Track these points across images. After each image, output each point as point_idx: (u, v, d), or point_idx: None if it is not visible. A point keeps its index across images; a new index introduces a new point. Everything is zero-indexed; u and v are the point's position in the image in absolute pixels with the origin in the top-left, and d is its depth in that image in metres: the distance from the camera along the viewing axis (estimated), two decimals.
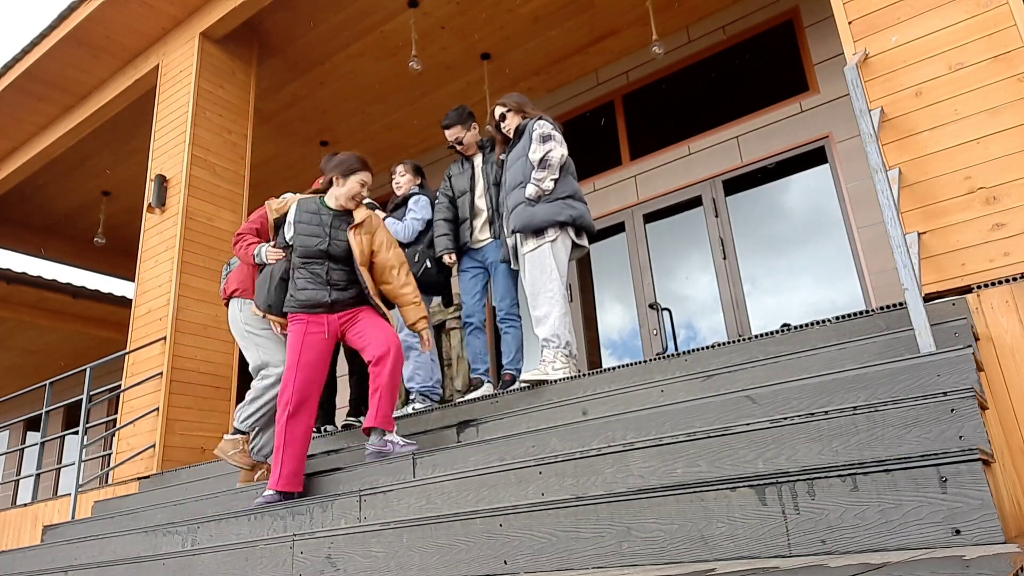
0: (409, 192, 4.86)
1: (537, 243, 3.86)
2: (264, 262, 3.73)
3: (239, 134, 6.57)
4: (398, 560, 2.30)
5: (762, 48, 6.65)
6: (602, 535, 1.92)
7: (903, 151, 3.01)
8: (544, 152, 3.87)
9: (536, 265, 3.84)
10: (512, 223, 3.93)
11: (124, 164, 8.79)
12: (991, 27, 2.92)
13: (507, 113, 4.23)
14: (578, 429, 2.81)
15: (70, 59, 7.00)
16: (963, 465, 1.53)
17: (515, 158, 4.08)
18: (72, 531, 4.73)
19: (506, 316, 4.32)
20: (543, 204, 3.83)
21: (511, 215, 3.97)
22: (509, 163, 4.13)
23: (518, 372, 4.32)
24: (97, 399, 6.12)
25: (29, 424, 12.88)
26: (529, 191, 3.86)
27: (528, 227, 3.85)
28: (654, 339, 6.47)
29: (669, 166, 6.83)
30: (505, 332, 4.32)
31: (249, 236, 3.93)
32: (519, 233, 3.93)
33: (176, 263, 5.79)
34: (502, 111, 4.26)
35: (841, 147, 5.94)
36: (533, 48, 7.25)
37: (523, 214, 3.86)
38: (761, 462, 2.03)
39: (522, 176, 3.96)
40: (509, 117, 4.22)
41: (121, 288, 12.05)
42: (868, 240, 5.63)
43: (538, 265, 3.83)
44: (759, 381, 2.72)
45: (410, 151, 8.85)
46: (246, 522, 3.26)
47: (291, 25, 6.77)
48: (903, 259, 2.47)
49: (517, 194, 3.95)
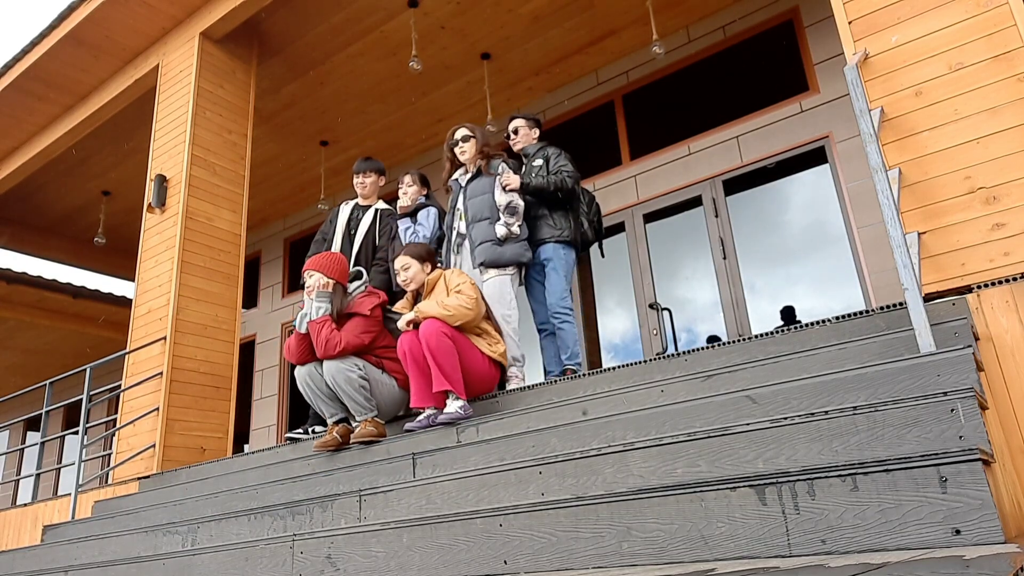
0: (417, 203, 4.85)
1: (499, 274, 4.32)
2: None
3: (239, 134, 6.57)
4: (398, 560, 2.30)
5: (762, 48, 6.65)
6: (602, 535, 1.92)
7: (903, 151, 3.01)
8: (508, 200, 4.33)
9: (496, 293, 4.26)
10: (479, 257, 4.33)
11: (124, 164, 8.78)
12: (991, 27, 2.92)
13: (471, 141, 4.57)
14: (578, 429, 2.82)
15: (70, 59, 7.00)
16: (963, 465, 1.53)
17: (479, 191, 4.45)
18: (72, 531, 4.73)
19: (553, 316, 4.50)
20: (510, 244, 4.32)
21: (477, 248, 4.35)
22: (471, 194, 4.48)
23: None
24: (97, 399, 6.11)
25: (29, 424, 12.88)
26: (500, 232, 4.29)
27: (495, 264, 4.31)
28: (654, 339, 6.47)
29: (669, 166, 6.83)
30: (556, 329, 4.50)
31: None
32: (483, 266, 4.35)
33: (176, 263, 5.79)
34: (467, 134, 4.60)
35: (841, 147, 5.94)
36: (533, 48, 7.25)
37: (491, 252, 4.30)
38: (761, 462, 2.03)
39: (488, 212, 4.37)
40: (470, 146, 4.57)
41: (121, 288, 12.07)
42: (868, 240, 5.63)
43: (497, 293, 4.26)
44: (759, 381, 2.72)
45: (410, 151, 8.85)
46: (246, 522, 3.27)
47: (291, 25, 6.77)
48: (903, 259, 2.47)
49: (484, 228, 4.34)
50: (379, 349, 4.03)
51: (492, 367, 3.89)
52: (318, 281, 3.99)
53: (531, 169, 4.49)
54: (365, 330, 3.93)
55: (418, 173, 4.97)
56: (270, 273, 10.25)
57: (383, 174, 5.18)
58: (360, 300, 4.06)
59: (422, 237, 4.67)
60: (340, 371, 3.82)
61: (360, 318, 3.96)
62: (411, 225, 4.74)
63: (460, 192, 4.57)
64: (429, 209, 4.79)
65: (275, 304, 9.97)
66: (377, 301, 4.07)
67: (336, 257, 4.14)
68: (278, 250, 10.26)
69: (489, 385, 3.94)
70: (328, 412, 4.01)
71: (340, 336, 3.83)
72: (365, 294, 4.12)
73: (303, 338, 3.95)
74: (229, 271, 6.15)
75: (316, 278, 4.00)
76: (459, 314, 3.75)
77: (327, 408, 3.99)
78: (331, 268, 4.05)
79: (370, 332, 3.96)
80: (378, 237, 4.89)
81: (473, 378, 3.80)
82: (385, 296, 4.25)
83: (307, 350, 3.96)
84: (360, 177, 5.06)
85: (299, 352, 3.95)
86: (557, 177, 4.34)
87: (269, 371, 9.65)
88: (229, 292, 6.10)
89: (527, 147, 4.68)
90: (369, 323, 3.97)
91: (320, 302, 3.92)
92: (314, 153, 8.74)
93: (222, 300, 6.03)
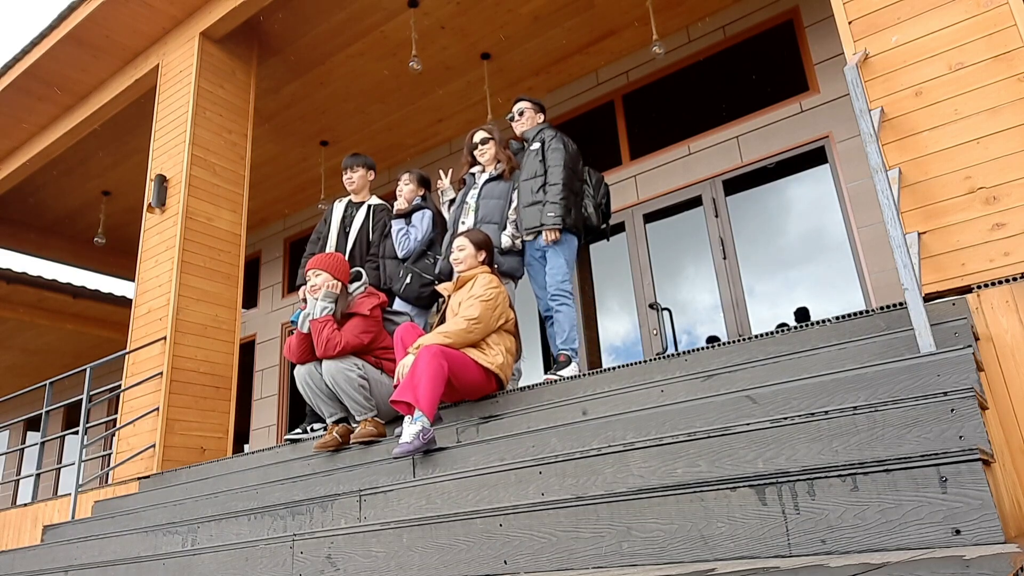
0: (413, 204, 4.84)
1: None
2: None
3: (239, 134, 6.57)
4: (398, 560, 2.30)
5: (762, 48, 6.65)
6: (602, 535, 1.92)
7: (903, 151, 3.01)
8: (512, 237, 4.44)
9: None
10: None
11: (124, 164, 8.78)
12: (991, 27, 2.92)
13: (490, 143, 4.63)
14: (578, 429, 2.81)
15: (70, 59, 7.00)
16: (963, 465, 1.53)
17: (495, 194, 4.49)
18: (72, 531, 4.73)
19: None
20: (509, 257, 4.39)
21: None
22: (485, 194, 4.50)
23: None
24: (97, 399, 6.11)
25: (29, 424, 12.88)
26: (505, 243, 4.36)
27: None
28: (654, 339, 6.47)
29: (669, 166, 6.83)
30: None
31: None
32: None
33: (176, 263, 5.79)
34: (486, 136, 4.65)
35: (841, 147, 5.94)
36: (533, 48, 7.25)
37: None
38: (761, 462, 2.03)
39: (498, 217, 4.43)
40: (489, 148, 4.62)
41: (121, 288, 12.07)
42: (868, 240, 5.63)
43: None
44: (759, 381, 2.72)
45: (410, 151, 8.85)
46: (246, 522, 3.27)
47: (291, 25, 6.77)
48: (903, 259, 2.47)
49: (491, 232, 4.34)
50: (378, 350, 4.03)
51: (487, 377, 3.75)
52: (326, 281, 3.98)
53: (528, 153, 4.49)
54: (364, 330, 3.94)
55: (417, 173, 4.96)
56: (270, 273, 10.25)
57: (372, 168, 5.16)
58: (360, 300, 4.06)
59: (414, 240, 4.66)
60: (339, 371, 3.82)
61: (360, 318, 3.96)
62: (404, 227, 4.73)
63: (473, 188, 4.59)
64: (424, 212, 4.78)
65: (275, 304, 9.97)
66: (377, 302, 4.08)
67: (342, 258, 4.14)
68: (278, 250, 10.26)
69: (481, 395, 3.86)
70: (327, 412, 4.01)
71: (340, 336, 3.84)
72: (365, 295, 4.12)
73: (304, 337, 3.95)
74: (229, 271, 6.15)
75: (324, 278, 3.99)
76: (459, 341, 3.63)
77: (326, 408, 3.99)
78: (339, 269, 4.05)
79: (369, 332, 3.96)
80: (371, 233, 4.88)
81: (465, 388, 3.71)
82: (384, 297, 4.25)
83: (307, 350, 3.96)
84: (348, 172, 5.06)
85: (300, 351, 3.95)
86: (554, 190, 4.25)
87: (269, 371, 9.65)
88: (229, 292, 6.10)
89: (528, 131, 4.65)
90: (368, 323, 3.97)
91: (326, 302, 3.92)
92: (314, 153, 8.74)
93: (222, 300, 6.03)
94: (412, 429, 3.19)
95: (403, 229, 4.71)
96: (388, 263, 4.78)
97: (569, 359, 4.15)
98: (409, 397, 3.29)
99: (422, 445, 3.16)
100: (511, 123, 4.75)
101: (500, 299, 3.82)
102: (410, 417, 3.27)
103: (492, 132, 4.67)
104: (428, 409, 3.25)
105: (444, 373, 3.42)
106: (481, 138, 4.65)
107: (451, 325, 3.68)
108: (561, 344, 4.21)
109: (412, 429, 3.19)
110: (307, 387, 3.96)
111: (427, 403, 3.26)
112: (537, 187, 4.33)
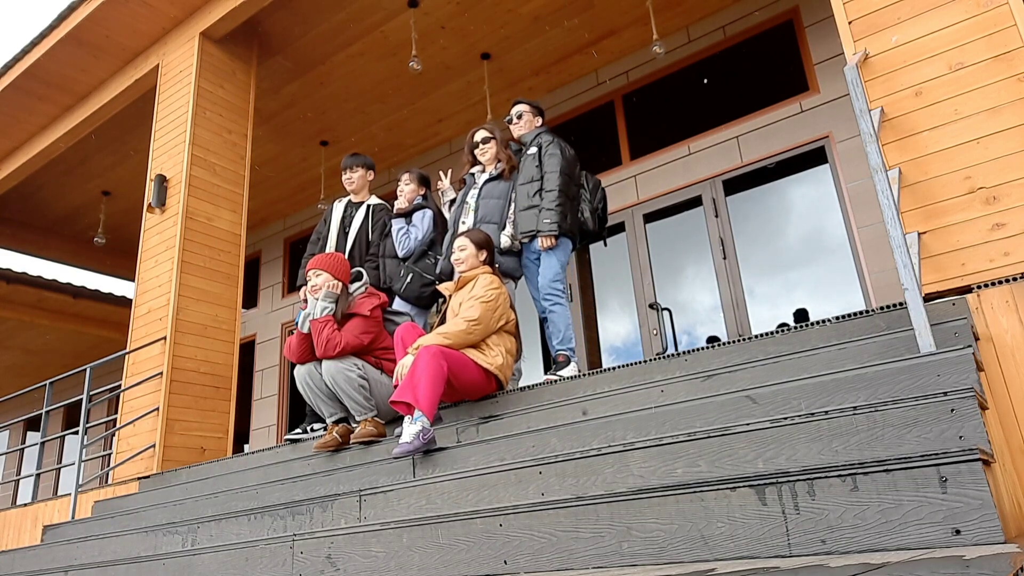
0: (414, 203, 4.84)
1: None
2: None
3: (239, 134, 6.57)
4: (398, 560, 2.30)
5: (762, 48, 6.65)
6: (602, 535, 1.92)
7: (903, 151, 3.01)
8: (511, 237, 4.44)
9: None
10: None
11: (124, 164, 8.78)
12: (991, 27, 2.92)
13: (491, 143, 4.61)
14: (578, 429, 2.81)
15: (70, 59, 7.00)
16: (963, 465, 1.53)
17: (495, 193, 4.48)
18: (72, 531, 4.73)
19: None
20: (508, 257, 4.38)
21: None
22: (485, 194, 4.50)
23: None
24: (97, 399, 6.10)
25: (29, 424, 12.88)
26: (504, 242, 4.35)
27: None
28: (654, 339, 6.47)
29: (669, 166, 6.83)
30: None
31: None
32: None
33: (176, 263, 5.79)
34: (487, 135, 4.64)
35: (841, 147, 5.94)
36: (533, 48, 7.25)
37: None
38: (761, 462, 2.03)
39: (498, 217, 4.42)
40: (490, 147, 4.61)
41: (121, 288, 12.06)
42: (868, 240, 5.63)
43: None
44: (759, 381, 2.72)
45: (410, 151, 8.85)
46: (246, 522, 3.27)
47: (291, 25, 6.77)
48: (903, 259, 2.47)
49: (491, 231, 4.32)
50: (378, 350, 4.03)
51: (486, 378, 3.74)
52: (327, 281, 3.98)
53: (525, 158, 4.48)
54: (364, 331, 3.94)
55: (417, 172, 4.96)
56: (270, 273, 10.25)
57: (371, 168, 5.15)
58: (360, 301, 4.06)
59: (414, 239, 4.66)
60: (339, 371, 3.82)
61: (360, 318, 3.96)
62: (404, 226, 4.73)
63: (474, 188, 4.59)
64: (425, 211, 4.78)
65: (275, 304, 9.97)
66: (377, 302, 4.07)
67: (342, 258, 4.14)
68: (278, 250, 10.26)
69: (480, 396, 3.85)
70: (327, 412, 4.00)
71: (340, 336, 3.84)
72: (365, 295, 4.12)
73: (304, 337, 3.95)
74: (229, 271, 6.15)
75: (325, 278, 3.99)
76: (458, 342, 3.63)
77: (326, 408, 3.99)
78: (339, 269, 4.05)
79: (369, 333, 3.96)
80: (371, 233, 4.88)
81: (464, 388, 3.71)
82: (385, 297, 4.24)
83: (308, 349, 3.96)
84: (348, 173, 5.05)
85: (300, 351, 3.95)
86: (551, 196, 4.23)
87: (269, 371, 9.65)
88: (229, 292, 6.10)
89: (525, 135, 4.63)
90: (368, 324, 3.97)
91: (327, 302, 3.92)
92: (314, 153, 8.74)
93: (222, 300, 6.03)
94: (412, 429, 3.19)
95: (404, 228, 4.71)
96: (388, 263, 4.77)
97: (568, 359, 4.15)
98: (409, 397, 3.30)
99: (422, 445, 3.17)
100: (509, 125, 4.75)
101: (501, 300, 3.81)
102: (410, 417, 3.27)
103: (493, 131, 4.66)
104: (428, 409, 3.26)
105: (444, 373, 3.42)
106: (482, 137, 4.65)
107: (451, 326, 3.67)
108: (558, 344, 4.21)
109: (412, 429, 3.19)
110: (307, 387, 3.96)
111: (427, 403, 3.27)
112: (533, 191, 4.32)
